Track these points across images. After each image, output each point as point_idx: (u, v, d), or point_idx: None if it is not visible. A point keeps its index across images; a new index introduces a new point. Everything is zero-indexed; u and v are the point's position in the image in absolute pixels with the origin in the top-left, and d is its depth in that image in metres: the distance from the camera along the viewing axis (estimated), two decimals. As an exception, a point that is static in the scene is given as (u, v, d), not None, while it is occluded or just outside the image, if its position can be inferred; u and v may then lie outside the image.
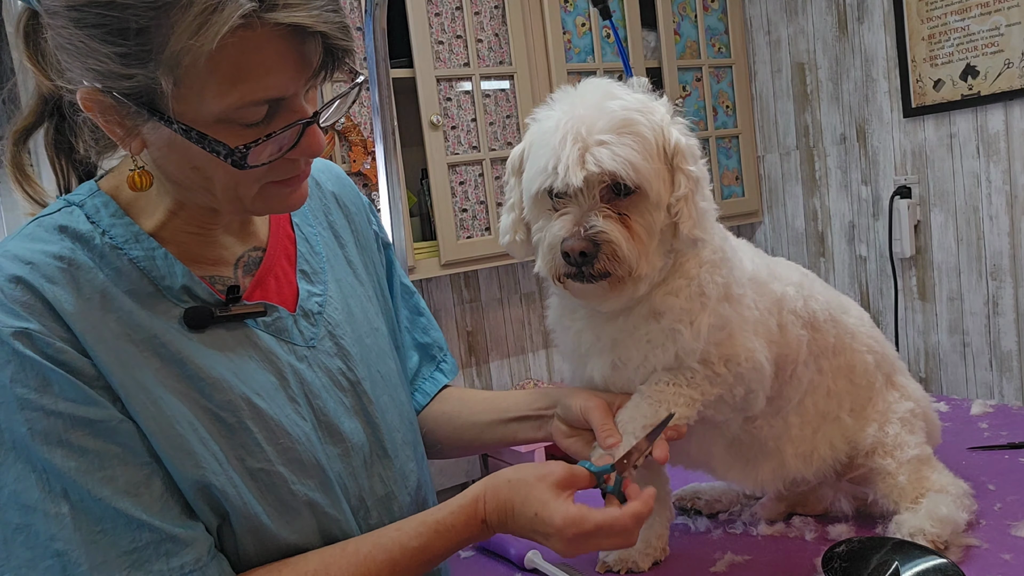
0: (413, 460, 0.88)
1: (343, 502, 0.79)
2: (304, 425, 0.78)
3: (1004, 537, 0.95)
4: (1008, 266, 2.44)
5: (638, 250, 0.83)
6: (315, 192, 0.93)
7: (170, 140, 0.68)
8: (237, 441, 0.73)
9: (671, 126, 0.86)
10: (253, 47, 0.63)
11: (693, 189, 0.84)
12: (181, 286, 0.75)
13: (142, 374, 0.70)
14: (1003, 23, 2.32)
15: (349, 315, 0.88)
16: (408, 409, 0.92)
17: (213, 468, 0.71)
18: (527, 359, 2.85)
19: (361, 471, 0.82)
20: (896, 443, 1.00)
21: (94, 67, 0.64)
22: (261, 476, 0.74)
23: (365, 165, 2.24)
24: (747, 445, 0.99)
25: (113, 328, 0.70)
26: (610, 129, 0.81)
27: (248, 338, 0.78)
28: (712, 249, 0.89)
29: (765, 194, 3.12)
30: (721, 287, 0.88)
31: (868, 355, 1.03)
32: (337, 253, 0.91)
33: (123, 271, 0.73)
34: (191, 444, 0.70)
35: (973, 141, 2.47)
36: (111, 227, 0.74)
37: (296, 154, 0.71)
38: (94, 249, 0.72)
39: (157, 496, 0.68)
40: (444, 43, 2.40)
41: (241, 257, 0.82)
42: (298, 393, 0.79)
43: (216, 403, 0.73)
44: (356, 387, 0.84)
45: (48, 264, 0.69)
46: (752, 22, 3.05)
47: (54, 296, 0.68)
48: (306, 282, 0.85)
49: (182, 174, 0.72)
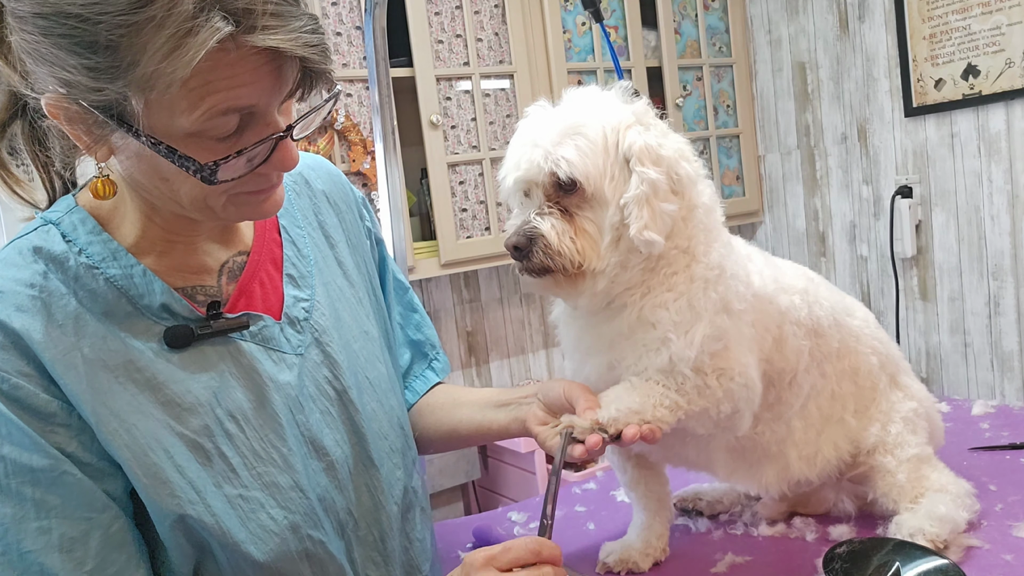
0: (401, 468, 0.87)
1: (326, 521, 0.78)
2: (281, 447, 0.76)
3: (1005, 538, 0.94)
4: (1009, 266, 2.43)
5: (584, 245, 0.85)
6: (304, 191, 0.91)
7: (138, 151, 0.66)
8: (215, 468, 0.72)
9: (634, 128, 0.85)
10: (226, 64, 0.61)
11: (650, 192, 0.84)
12: (160, 304, 0.73)
13: (116, 401, 0.69)
14: (1004, 22, 2.32)
15: (337, 320, 0.86)
16: (399, 413, 0.91)
17: (190, 497, 0.70)
18: (527, 359, 2.85)
19: (347, 483, 0.81)
20: (897, 442, 1.00)
21: (61, 76, 0.62)
22: (239, 503, 0.73)
23: (365, 165, 2.24)
24: (749, 450, 0.99)
25: (86, 354, 0.69)
26: (558, 132, 0.85)
27: (231, 354, 0.76)
28: (707, 266, 0.87)
29: (766, 194, 3.11)
30: (718, 301, 0.87)
31: (872, 357, 1.03)
32: (327, 255, 0.90)
33: (98, 293, 0.71)
34: (166, 473, 0.69)
35: (974, 141, 2.46)
36: (88, 245, 0.72)
37: (268, 169, 0.69)
38: (68, 271, 0.71)
39: (93, 553, 0.66)
40: (444, 42, 2.39)
41: (225, 263, 0.81)
42: (280, 410, 0.77)
43: (192, 428, 0.72)
44: (343, 396, 0.83)
45: (18, 293, 0.68)
46: (753, 21, 3.04)
47: (22, 326, 0.67)
48: (292, 287, 0.84)
49: (151, 184, 0.70)
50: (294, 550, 0.75)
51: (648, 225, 0.83)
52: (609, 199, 0.85)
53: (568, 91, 0.91)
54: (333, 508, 0.80)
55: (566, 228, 0.86)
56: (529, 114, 0.90)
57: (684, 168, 0.87)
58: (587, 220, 0.86)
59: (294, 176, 0.90)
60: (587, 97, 0.89)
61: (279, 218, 0.87)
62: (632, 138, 0.85)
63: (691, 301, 0.86)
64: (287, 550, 0.74)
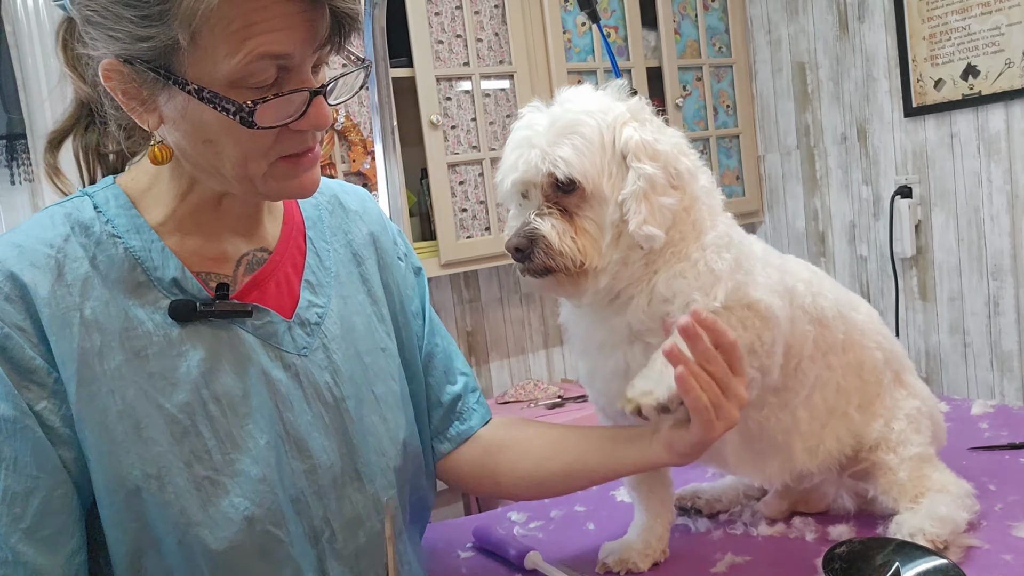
0: (395, 487, 0.86)
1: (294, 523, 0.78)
2: (259, 438, 0.77)
3: (1005, 538, 0.94)
4: (1009, 266, 2.43)
5: (584, 244, 0.86)
6: (338, 211, 0.93)
7: (183, 111, 0.70)
8: (187, 446, 0.73)
9: (630, 125, 0.86)
10: (262, 6, 0.65)
11: (648, 187, 0.84)
12: (171, 279, 0.76)
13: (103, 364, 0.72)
14: (1004, 22, 2.32)
15: (350, 331, 0.87)
16: (406, 433, 0.89)
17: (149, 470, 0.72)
18: (527, 359, 2.85)
19: (329, 491, 0.81)
20: (900, 439, 1.00)
21: (116, 34, 0.67)
22: (205, 485, 0.73)
23: (365, 165, 2.24)
24: (757, 437, 0.99)
25: (86, 316, 0.72)
26: (554, 132, 0.85)
27: (229, 339, 0.78)
28: (717, 235, 0.88)
29: (766, 194, 3.11)
30: (732, 262, 0.87)
31: (877, 352, 1.03)
32: (352, 271, 0.91)
33: (115, 259, 0.75)
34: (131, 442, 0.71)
35: (974, 141, 2.46)
36: (116, 217, 0.77)
37: (304, 124, 0.72)
38: (91, 236, 0.75)
39: (32, 512, 0.68)
40: (444, 42, 2.39)
41: (245, 255, 0.83)
42: (265, 403, 0.78)
43: (174, 403, 0.74)
44: (339, 404, 0.83)
45: (37, 251, 0.73)
46: (753, 21, 3.04)
47: (32, 280, 0.71)
48: (309, 292, 0.85)
49: (195, 150, 0.73)
50: (249, 543, 0.74)
51: (647, 220, 0.84)
52: (608, 196, 0.85)
53: (562, 91, 0.91)
54: (307, 512, 0.79)
55: (566, 228, 0.86)
56: (523, 115, 0.90)
57: (683, 163, 0.87)
58: (587, 219, 0.87)
59: (328, 196, 0.94)
60: (581, 96, 0.89)
61: (308, 229, 0.89)
62: (628, 134, 0.85)
63: (709, 265, 0.86)
64: (242, 541, 0.74)
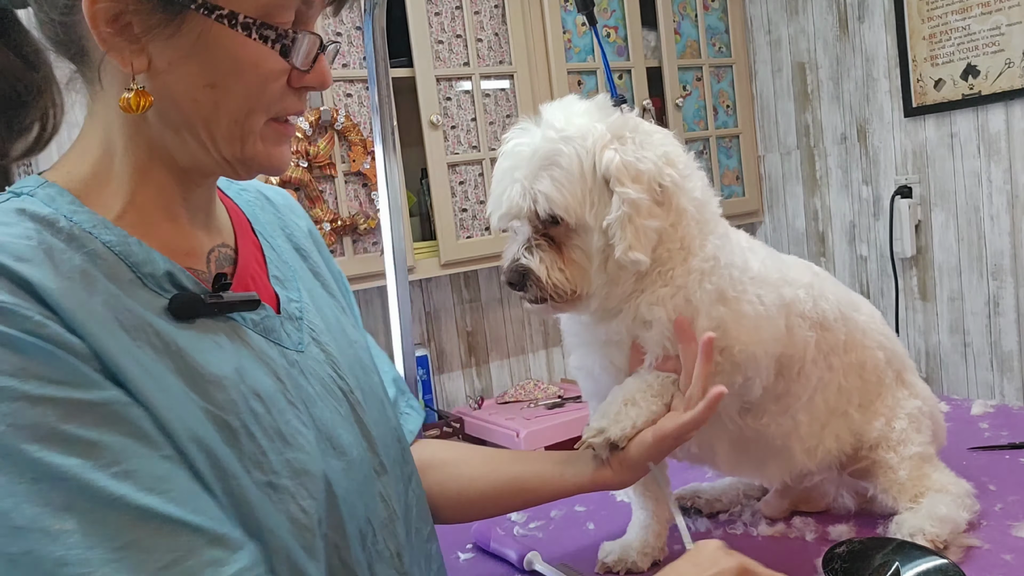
0: (402, 481, 0.82)
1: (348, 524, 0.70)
2: (307, 433, 0.68)
3: (1005, 537, 0.94)
4: (1009, 266, 2.43)
5: (573, 273, 0.87)
6: (268, 207, 0.86)
7: (192, 47, 0.62)
8: (242, 449, 0.63)
9: (609, 147, 0.85)
10: None
11: (632, 211, 0.84)
12: (164, 272, 0.65)
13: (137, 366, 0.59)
14: (1004, 22, 2.32)
15: (327, 324, 0.81)
16: (395, 425, 0.85)
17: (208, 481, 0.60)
18: (527, 359, 2.85)
19: (365, 488, 0.73)
20: (901, 438, 1.00)
21: None
22: (269, 492, 0.63)
23: (365, 165, 2.24)
24: (752, 442, 0.99)
25: (101, 312, 0.58)
26: (534, 165, 0.86)
27: (238, 335, 0.68)
28: (703, 258, 0.88)
29: (766, 194, 3.11)
30: (713, 292, 0.88)
31: (879, 352, 1.04)
32: (301, 265, 0.84)
33: (98, 254, 0.61)
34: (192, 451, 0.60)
35: (974, 141, 2.46)
36: (73, 214, 0.62)
37: (311, 79, 0.68)
38: (61, 232, 0.60)
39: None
40: (444, 43, 2.39)
41: (212, 251, 0.73)
42: (296, 398, 0.69)
43: (216, 403, 0.62)
44: (349, 396, 0.76)
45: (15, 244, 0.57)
46: (753, 21, 3.05)
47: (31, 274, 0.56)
48: (280, 287, 0.77)
49: (188, 97, 0.64)
50: (317, 546, 0.65)
51: (632, 245, 0.84)
52: (592, 226, 0.86)
53: (547, 107, 0.90)
54: (353, 514, 0.71)
55: (555, 259, 0.87)
56: (508, 139, 0.90)
57: (668, 176, 0.86)
58: (574, 248, 0.88)
59: (254, 193, 0.86)
60: (563, 115, 0.88)
61: (252, 223, 0.82)
62: (608, 158, 0.84)
63: (688, 296, 0.87)
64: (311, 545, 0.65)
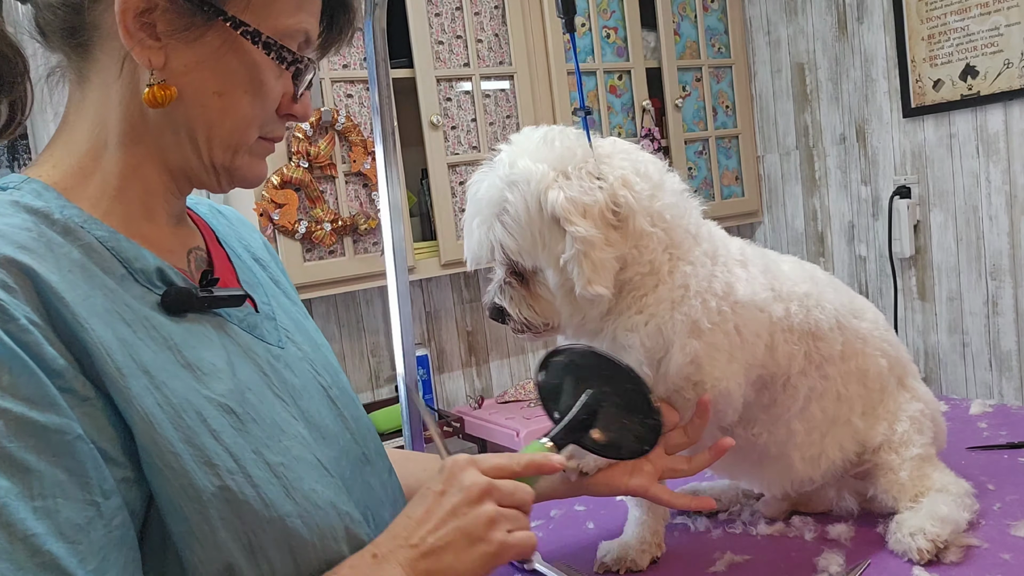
0: (385, 471, 0.82)
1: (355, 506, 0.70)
2: (297, 425, 0.69)
3: (1004, 537, 0.95)
4: (1008, 266, 2.44)
5: (543, 308, 0.92)
6: (221, 219, 0.86)
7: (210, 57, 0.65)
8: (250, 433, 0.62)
9: (553, 187, 0.85)
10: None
11: (585, 247, 0.84)
12: (155, 268, 0.65)
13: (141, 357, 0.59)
14: (1003, 23, 2.32)
15: (297, 326, 0.81)
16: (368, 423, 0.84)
17: (228, 466, 0.60)
18: (527, 359, 2.85)
19: (355, 478, 0.74)
20: (903, 440, 1.00)
21: None
22: (282, 471, 0.63)
23: (365, 165, 2.24)
24: (747, 451, 1.00)
25: (103, 306, 0.58)
26: (489, 211, 0.90)
27: (225, 330, 0.69)
28: (671, 287, 0.88)
29: (765, 194, 3.12)
30: (685, 323, 0.87)
31: (881, 359, 1.03)
32: (262, 273, 0.85)
33: (93, 248, 0.62)
34: (201, 438, 0.59)
35: (973, 141, 2.47)
36: (63, 208, 0.62)
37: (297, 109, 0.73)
38: (56, 224, 0.60)
39: (96, 549, 0.52)
40: (444, 43, 2.40)
41: (191, 252, 0.74)
42: (283, 392, 0.70)
43: (219, 393, 0.62)
44: (328, 391, 0.78)
45: (16, 233, 0.56)
46: (752, 22, 3.05)
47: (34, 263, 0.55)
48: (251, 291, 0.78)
49: (196, 101, 0.66)
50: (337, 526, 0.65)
51: (591, 279, 0.84)
52: (548, 264, 0.88)
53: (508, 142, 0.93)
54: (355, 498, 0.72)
55: (523, 296, 0.92)
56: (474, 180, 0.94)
57: (624, 199, 0.86)
58: (540, 284, 0.91)
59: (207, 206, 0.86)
60: (509, 156, 0.90)
61: (216, 232, 0.81)
62: (553, 198, 0.84)
63: (660, 325, 0.87)
64: (331, 525, 0.65)
